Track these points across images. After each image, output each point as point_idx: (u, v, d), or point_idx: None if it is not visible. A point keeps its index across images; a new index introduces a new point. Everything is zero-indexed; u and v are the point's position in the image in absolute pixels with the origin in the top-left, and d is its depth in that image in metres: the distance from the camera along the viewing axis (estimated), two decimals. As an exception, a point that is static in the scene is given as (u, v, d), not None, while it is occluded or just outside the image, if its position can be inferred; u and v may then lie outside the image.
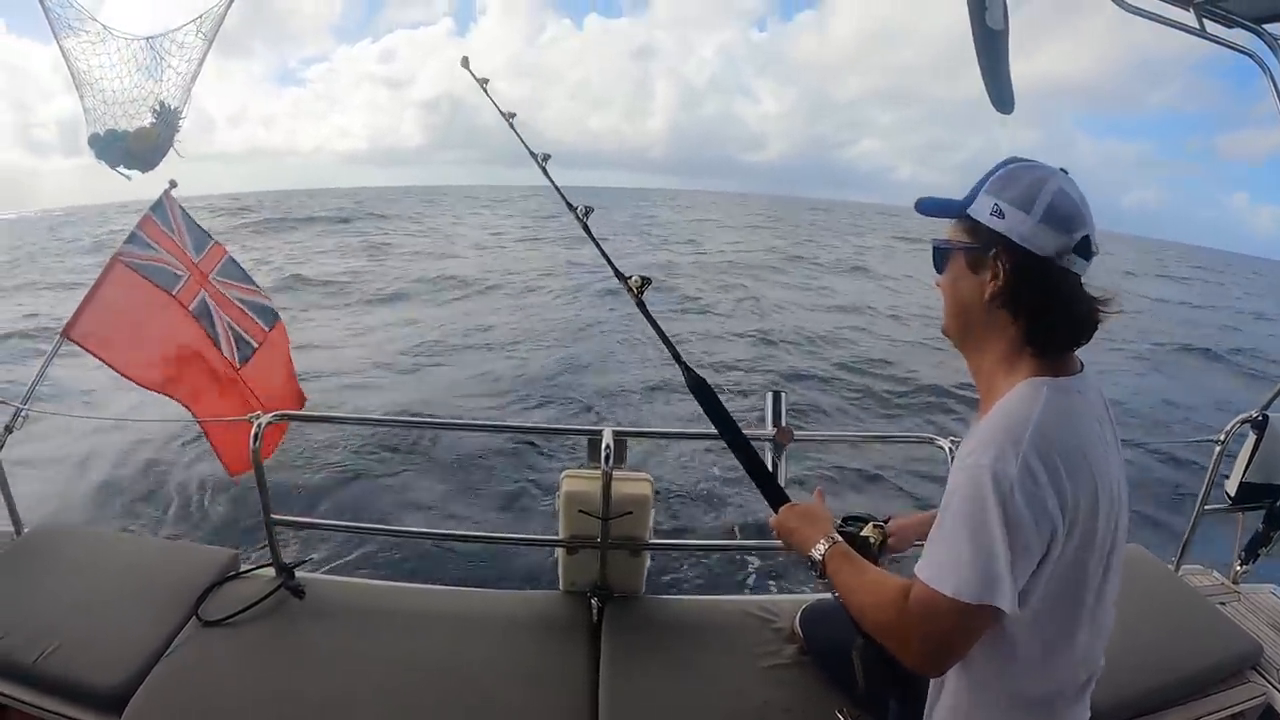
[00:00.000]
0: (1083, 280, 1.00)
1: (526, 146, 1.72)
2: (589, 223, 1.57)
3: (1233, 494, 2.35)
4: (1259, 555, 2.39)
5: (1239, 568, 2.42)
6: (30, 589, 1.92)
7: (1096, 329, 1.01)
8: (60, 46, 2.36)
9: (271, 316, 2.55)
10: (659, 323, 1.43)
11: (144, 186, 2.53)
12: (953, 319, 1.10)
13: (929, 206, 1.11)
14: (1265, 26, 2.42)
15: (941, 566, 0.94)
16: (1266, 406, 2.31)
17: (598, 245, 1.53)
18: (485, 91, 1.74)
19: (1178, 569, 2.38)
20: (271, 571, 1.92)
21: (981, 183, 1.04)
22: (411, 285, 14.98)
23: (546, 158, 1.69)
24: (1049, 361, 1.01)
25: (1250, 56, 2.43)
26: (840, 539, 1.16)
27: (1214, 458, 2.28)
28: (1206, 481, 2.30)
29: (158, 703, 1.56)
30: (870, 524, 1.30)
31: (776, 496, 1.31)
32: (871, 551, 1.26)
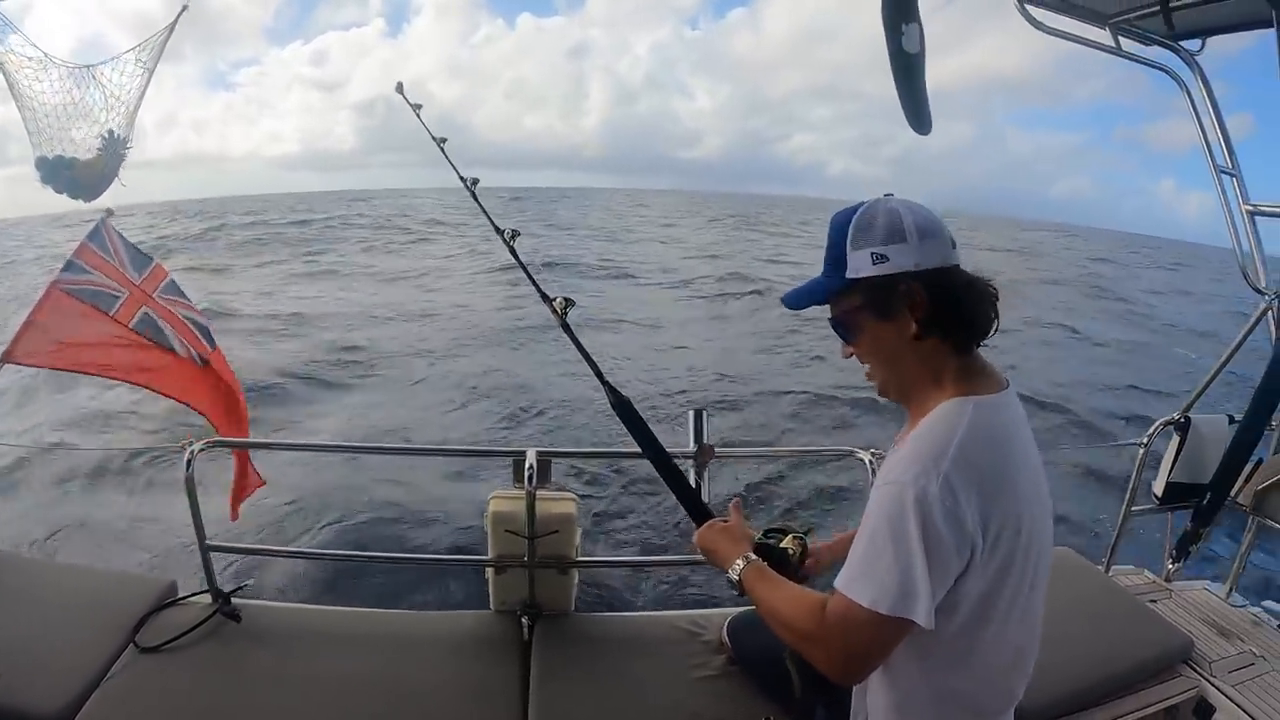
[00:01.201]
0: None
1: (457, 172, 1.76)
2: (516, 245, 1.60)
3: (1160, 495, 2.43)
4: (1189, 553, 2.47)
5: (1170, 566, 2.50)
6: None
7: (997, 316, 1.06)
8: (3, 68, 2.38)
9: (211, 340, 2.55)
10: (582, 342, 1.46)
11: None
12: (887, 373, 1.10)
13: (799, 300, 1.13)
14: (1180, 42, 2.53)
15: (860, 579, 0.98)
16: (1188, 409, 2.40)
17: (523, 267, 1.57)
18: (419, 117, 1.79)
19: (1108, 570, 2.45)
20: (208, 598, 1.93)
21: (837, 248, 1.06)
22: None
23: (475, 181, 1.73)
24: (971, 379, 1.05)
25: (1166, 72, 2.53)
26: (755, 557, 1.19)
27: (1138, 461, 2.36)
28: (1132, 484, 2.38)
29: None
30: (790, 535, 1.32)
31: (700, 513, 1.34)
32: (791, 563, 1.28)
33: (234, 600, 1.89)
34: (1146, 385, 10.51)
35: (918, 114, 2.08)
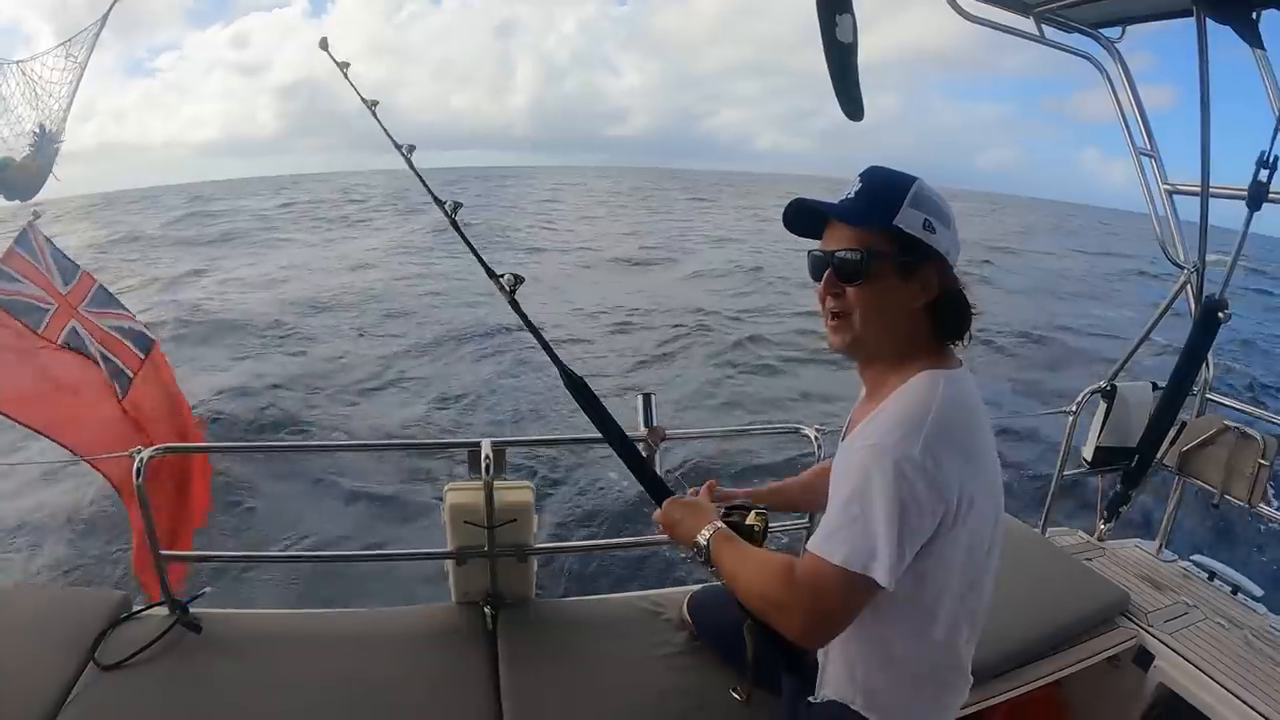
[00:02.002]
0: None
1: (390, 137, 1.68)
2: (458, 218, 1.54)
3: (1089, 459, 2.58)
4: (1119, 513, 2.63)
5: (1102, 526, 2.66)
6: None
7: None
8: None
9: (146, 342, 2.48)
10: (533, 321, 1.43)
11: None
12: (872, 329, 1.09)
13: (816, 213, 1.12)
14: (1101, 30, 2.66)
15: (833, 538, 1.00)
16: (1113, 377, 2.55)
17: (467, 241, 1.52)
18: (346, 77, 1.69)
19: (1044, 531, 2.59)
20: (165, 610, 1.90)
21: (885, 192, 1.06)
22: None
23: (411, 149, 1.66)
24: (936, 356, 1.10)
25: (1088, 59, 2.66)
26: (723, 525, 1.21)
27: (1068, 427, 2.49)
28: (1063, 449, 2.52)
29: None
30: (753, 512, 1.33)
31: (659, 490, 1.35)
32: (756, 538, 1.29)
33: (192, 610, 1.87)
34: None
35: (851, 102, 2.14)
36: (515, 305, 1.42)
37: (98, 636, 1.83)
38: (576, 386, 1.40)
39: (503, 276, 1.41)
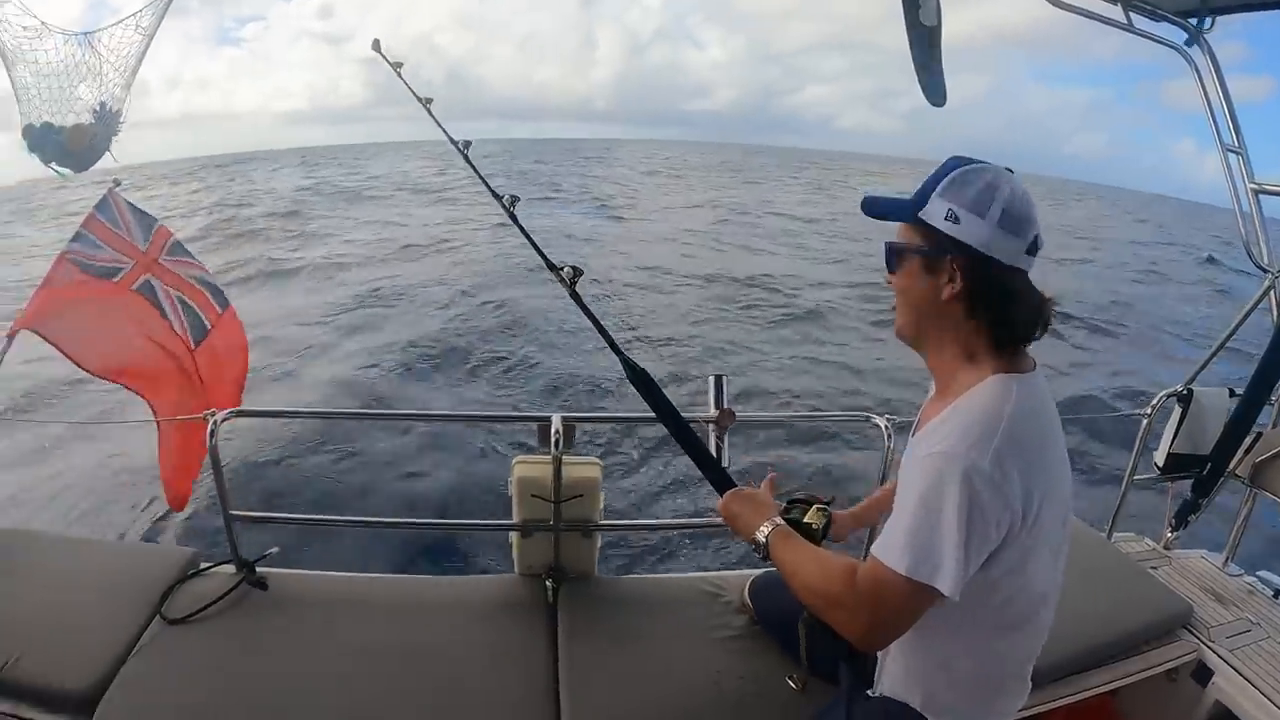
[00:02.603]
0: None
1: (448, 135, 1.70)
2: (516, 211, 1.54)
3: (1161, 465, 2.49)
4: (1188, 522, 2.54)
5: (1169, 535, 2.56)
6: None
7: (1049, 326, 1.05)
8: None
9: (223, 298, 2.53)
10: (594, 312, 1.44)
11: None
12: (906, 319, 1.11)
13: (878, 207, 1.12)
14: (1190, 20, 2.54)
15: (898, 545, 0.98)
16: (1190, 381, 2.45)
17: (526, 235, 1.53)
18: (400, 76, 1.71)
19: (1110, 537, 2.51)
20: (231, 568, 1.94)
21: (931, 184, 1.05)
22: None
23: (468, 144, 1.69)
24: (1009, 358, 1.05)
25: (1175, 49, 2.55)
26: (782, 522, 1.20)
27: (1141, 431, 2.41)
28: (1135, 454, 2.43)
29: (128, 702, 1.57)
30: (814, 508, 1.33)
31: (722, 481, 1.34)
32: (815, 536, 1.29)
33: (259, 569, 1.91)
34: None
35: (934, 86, 2.10)
36: (576, 297, 1.41)
37: (165, 591, 1.88)
38: (639, 378, 1.39)
39: (563, 269, 1.41)
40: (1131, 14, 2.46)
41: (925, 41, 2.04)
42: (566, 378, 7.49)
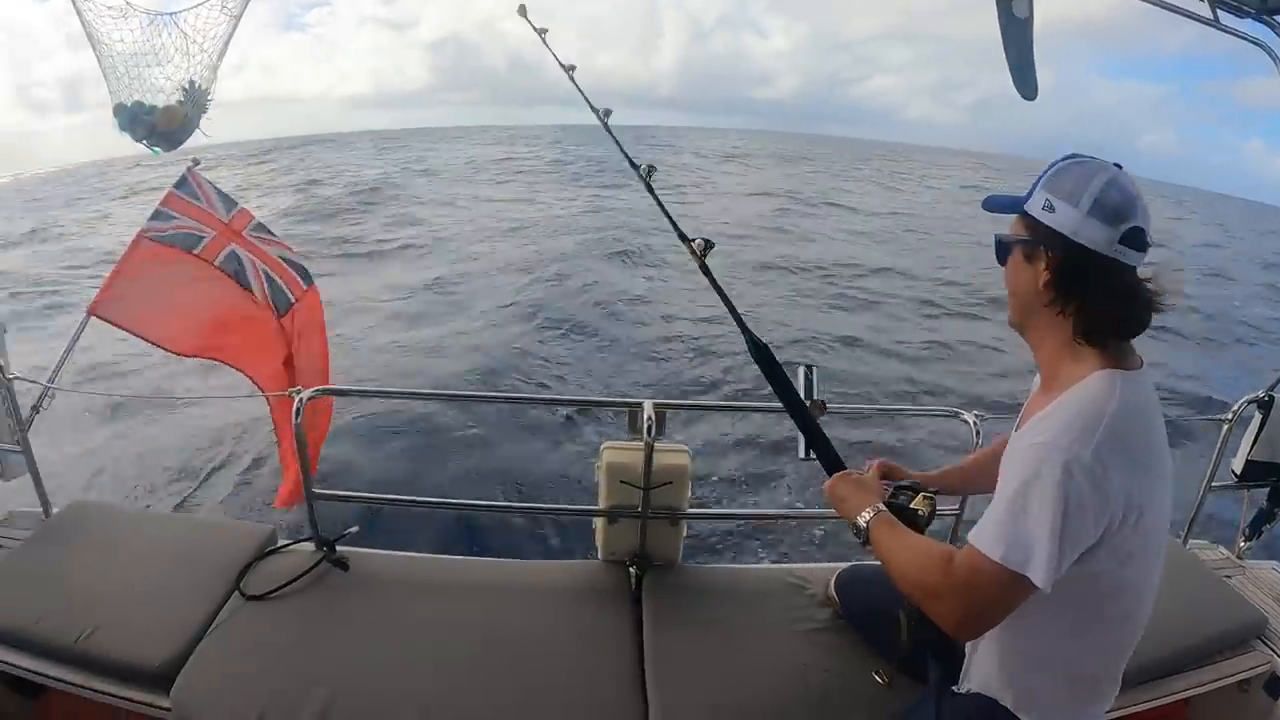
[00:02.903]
0: (1138, 272, 1.03)
1: (588, 102, 1.69)
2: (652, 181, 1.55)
3: (1239, 472, 2.43)
4: (1262, 532, 2.47)
5: (1243, 544, 2.50)
6: (64, 570, 1.92)
7: (1148, 325, 1.04)
8: (82, 17, 2.34)
9: (308, 277, 2.54)
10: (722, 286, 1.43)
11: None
12: (1013, 309, 1.14)
13: (996, 204, 1.17)
14: (1277, 18, 2.48)
15: (993, 534, 0.98)
16: (1273, 387, 2.38)
17: (660, 205, 1.54)
18: (545, 43, 1.71)
19: (1185, 543, 2.46)
20: (310, 546, 1.94)
21: (1038, 179, 1.08)
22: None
23: (608, 112, 1.66)
24: (1113, 353, 1.04)
25: (1261, 47, 2.49)
26: (885, 508, 1.20)
27: (1221, 436, 2.35)
28: (1213, 459, 2.37)
29: (206, 677, 1.58)
30: (920, 495, 1.30)
31: (832, 463, 1.35)
32: (919, 523, 1.26)
33: (338, 548, 1.91)
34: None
35: (1025, 79, 2.06)
36: (706, 270, 1.42)
37: (244, 568, 1.88)
38: (761, 353, 1.40)
39: (694, 241, 1.41)
40: (1218, 9, 2.41)
41: (1018, 34, 2.01)
42: (648, 360, 7.58)
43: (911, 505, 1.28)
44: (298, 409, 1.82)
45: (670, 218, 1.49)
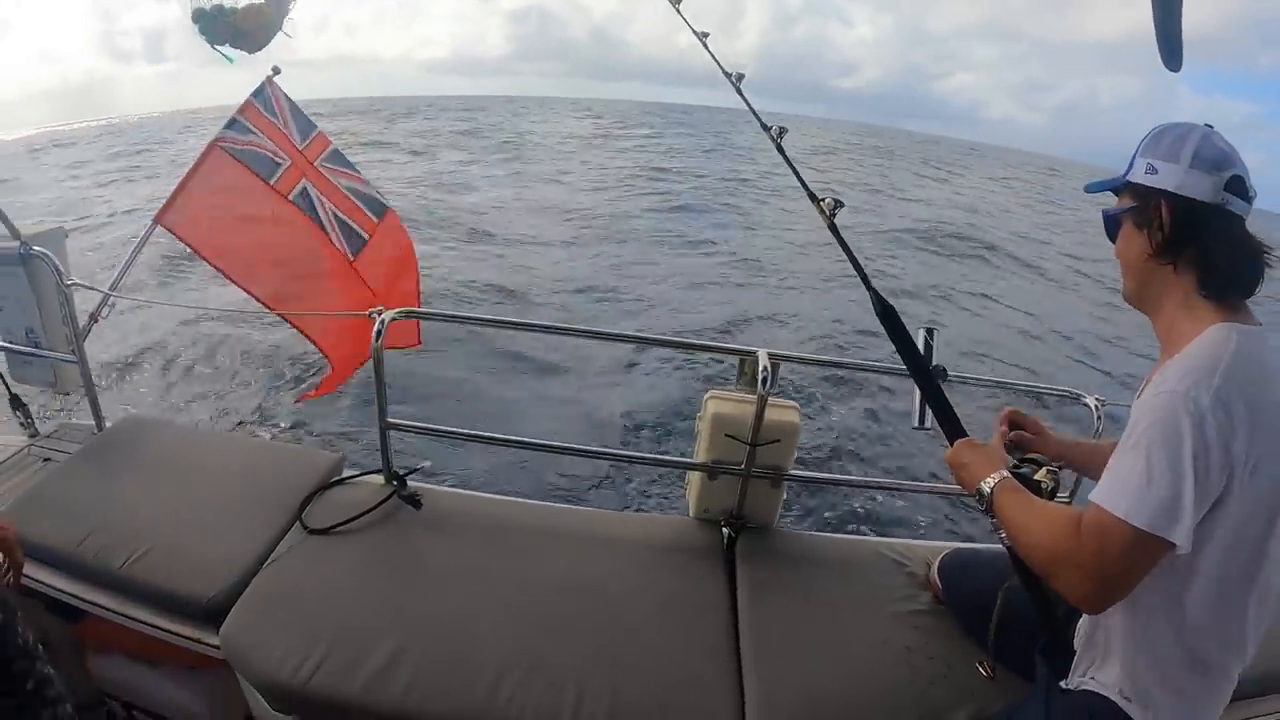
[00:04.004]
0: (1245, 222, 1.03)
1: (722, 68, 1.69)
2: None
3: None
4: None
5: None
6: (115, 486, 1.81)
7: (1261, 278, 1.03)
8: None
9: (379, 206, 2.42)
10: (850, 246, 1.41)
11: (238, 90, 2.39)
12: (1128, 280, 1.13)
13: (1098, 186, 1.19)
14: None
15: (1119, 490, 0.94)
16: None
17: (791, 165, 1.54)
18: (679, 11, 1.71)
19: None
20: (379, 479, 1.84)
21: (1135, 152, 1.09)
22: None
23: (740, 77, 1.66)
24: (1229, 308, 1.03)
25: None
26: (1009, 476, 1.15)
27: None
28: None
29: (260, 616, 1.46)
30: (1044, 468, 1.25)
31: (953, 430, 1.29)
32: (1042, 495, 1.21)
33: (410, 484, 1.80)
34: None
35: (1171, 49, 1.93)
36: (834, 229, 1.41)
37: (307, 497, 1.78)
38: (886, 312, 1.36)
39: (824, 200, 1.40)
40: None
41: (1167, 1, 1.88)
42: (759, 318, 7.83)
43: (1035, 477, 1.23)
44: (378, 330, 1.70)
45: (799, 177, 1.50)
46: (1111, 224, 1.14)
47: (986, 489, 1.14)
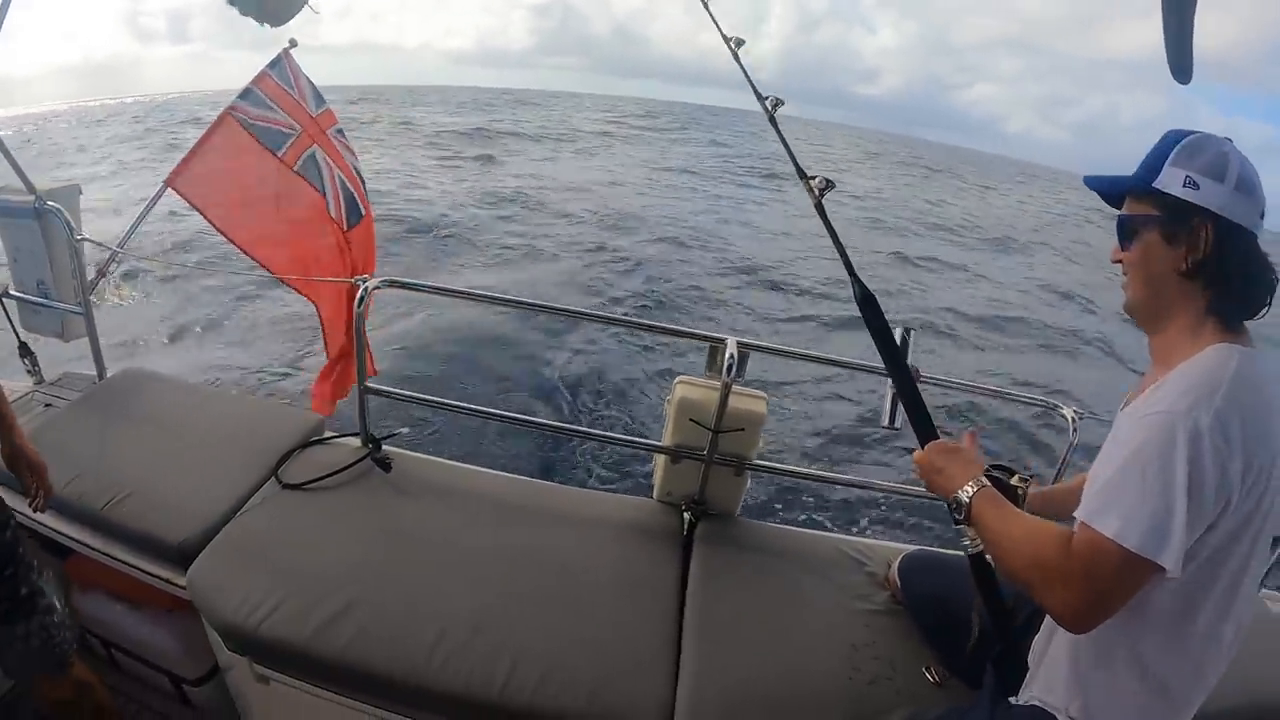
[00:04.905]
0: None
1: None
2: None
3: None
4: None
5: (1326, 603, 2.30)
6: (106, 433, 1.90)
7: (1270, 302, 1.02)
8: None
9: (362, 203, 2.50)
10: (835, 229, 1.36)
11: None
12: (1142, 292, 1.08)
13: (1100, 182, 1.11)
14: None
15: (1110, 509, 0.91)
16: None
17: (781, 138, 1.46)
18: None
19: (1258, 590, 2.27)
20: (355, 441, 1.89)
21: (1158, 156, 1.04)
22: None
23: (740, 43, 1.58)
24: (1232, 331, 1.01)
25: None
26: (989, 484, 1.10)
27: None
28: None
29: (226, 560, 1.52)
30: (1017, 475, 1.22)
31: (927, 430, 1.24)
32: (1018, 503, 1.17)
33: (385, 447, 1.85)
34: None
35: (1182, 59, 1.89)
36: (821, 210, 1.34)
37: (285, 454, 1.84)
38: (867, 301, 1.31)
39: (813, 179, 1.33)
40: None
41: (1180, 12, 1.84)
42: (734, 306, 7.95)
43: (1012, 482, 1.19)
44: (360, 297, 1.75)
45: (791, 153, 1.43)
46: (1129, 230, 1.08)
47: (965, 498, 1.09)
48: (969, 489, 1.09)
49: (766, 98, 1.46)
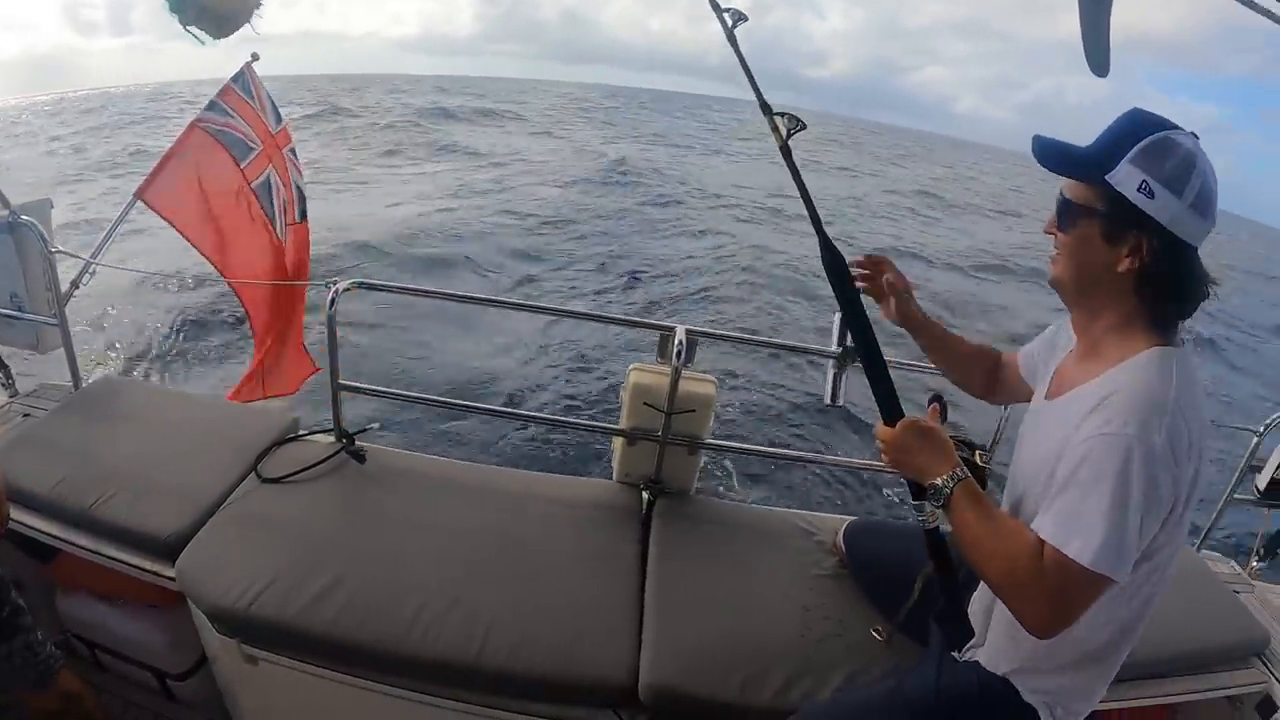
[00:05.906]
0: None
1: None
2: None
3: (1262, 489, 2.38)
4: (1277, 554, 2.43)
5: (1255, 563, 2.46)
6: (89, 437, 1.96)
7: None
8: None
9: (303, 212, 2.60)
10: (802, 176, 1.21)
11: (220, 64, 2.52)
12: (1071, 279, 1.06)
13: (1056, 157, 1.03)
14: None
15: (1071, 529, 0.94)
16: (1314, 408, 2.33)
17: (744, 65, 1.29)
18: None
19: (1198, 550, 2.42)
20: (330, 437, 1.97)
21: (1115, 142, 0.98)
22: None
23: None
24: (1163, 331, 1.02)
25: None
26: (968, 475, 1.07)
27: (1249, 449, 2.31)
28: (1238, 472, 2.33)
29: (212, 551, 1.60)
30: (978, 452, 1.21)
31: (892, 406, 1.16)
32: (984, 484, 1.17)
33: (358, 442, 1.93)
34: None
35: (1098, 54, 2.00)
36: (786, 153, 1.21)
37: (263, 451, 1.91)
38: (834, 264, 1.24)
39: (780, 115, 1.20)
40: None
41: (1095, 6, 1.95)
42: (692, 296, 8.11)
43: (977, 461, 1.19)
44: (332, 299, 1.83)
45: (752, 78, 1.27)
46: (1069, 216, 1.04)
47: (947, 490, 1.05)
48: (948, 480, 1.05)
49: (727, 10, 1.27)
